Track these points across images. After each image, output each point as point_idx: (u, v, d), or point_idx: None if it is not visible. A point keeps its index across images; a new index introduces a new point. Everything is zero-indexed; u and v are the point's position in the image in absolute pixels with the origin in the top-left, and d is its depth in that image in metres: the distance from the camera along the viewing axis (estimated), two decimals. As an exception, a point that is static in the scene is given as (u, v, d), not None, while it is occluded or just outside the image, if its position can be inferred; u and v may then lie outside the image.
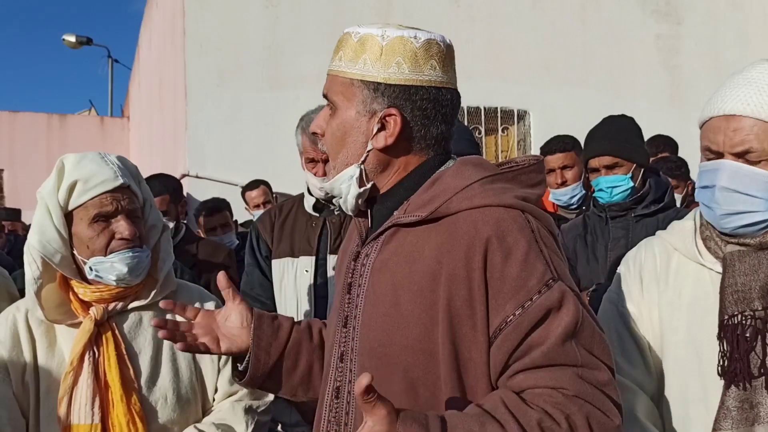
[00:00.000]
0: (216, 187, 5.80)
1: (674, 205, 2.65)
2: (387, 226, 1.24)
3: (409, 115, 1.22)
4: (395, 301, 1.19)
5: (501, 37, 6.88)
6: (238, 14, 6.21)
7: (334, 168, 1.28)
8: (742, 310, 1.36)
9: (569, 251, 2.65)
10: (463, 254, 1.14)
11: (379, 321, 1.20)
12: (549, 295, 1.12)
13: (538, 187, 1.27)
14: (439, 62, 1.25)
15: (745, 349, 1.35)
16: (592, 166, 2.64)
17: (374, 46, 1.21)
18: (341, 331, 1.27)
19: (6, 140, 11.80)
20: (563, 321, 1.11)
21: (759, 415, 1.34)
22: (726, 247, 1.43)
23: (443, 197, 1.18)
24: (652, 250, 1.57)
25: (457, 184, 1.19)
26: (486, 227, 1.14)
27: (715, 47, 7.38)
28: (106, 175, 1.65)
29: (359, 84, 1.23)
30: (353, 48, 1.23)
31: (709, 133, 1.40)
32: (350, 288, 1.28)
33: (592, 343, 1.14)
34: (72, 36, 13.68)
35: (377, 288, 1.22)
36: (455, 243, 1.15)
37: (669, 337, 1.48)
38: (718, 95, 1.40)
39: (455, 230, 1.16)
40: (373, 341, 1.21)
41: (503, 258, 1.13)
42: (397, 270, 1.20)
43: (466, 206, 1.17)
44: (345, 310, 1.28)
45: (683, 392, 1.44)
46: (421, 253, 1.18)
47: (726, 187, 1.36)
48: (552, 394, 1.08)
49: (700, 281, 1.47)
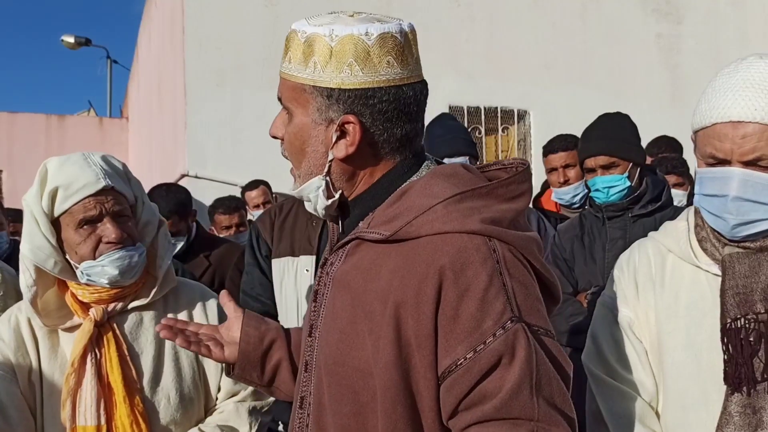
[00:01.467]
0: (215, 187, 5.79)
1: (671, 203, 2.63)
2: (350, 238, 1.17)
3: (369, 121, 1.13)
4: (352, 318, 1.12)
5: (501, 37, 6.88)
6: (238, 13, 6.20)
7: (299, 176, 1.21)
8: (745, 314, 1.33)
9: (566, 252, 2.64)
10: (417, 283, 1.06)
11: (335, 337, 1.14)
12: (505, 339, 1.03)
13: (519, 199, 1.16)
14: (397, 57, 1.14)
15: (749, 354, 1.32)
16: (588, 166, 2.61)
17: (323, 47, 1.12)
18: (307, 340, 1.23)
19: (5, 141, 11.79)
20: (518, 369, 1.02)
21: (762, 421, 1.31)
22: (724, 249, 1.40)
23: (406, 217, 1.10)
24: (645, 252, 1.53)
25: (422, 204, 1.10)
26: (443, 258, 1.05)
27: (715, 46, 7.37)
28: (87, 178, 1.61)
29: (311, 90, 1.14)
30: (301, 49, 1.14)
31: (713, 140, 1.33)
32: (316, 296, 1.23)
33: (551, 392, 1.04)
34: (71, 37, 13.68)
35: (336, 301, 1.16)
36: (410, 270, 1.07)
37: (666, 340, 1.44)
38: (719, 99, 1.33)
39: (413, 256, 1.07)
40: (328, 357, 1.15)
41: (459, 295, 1.04)
42: (355, 286, 1.13)
43: (426, 232, 1.08)
44: (311, 319, 1.23)
45: (682, 396, 1.41)
46: (378, 272, 1.10)
47: (739, 197, 1.31)
48: None
49: (696, 283, 1.43)
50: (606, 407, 1.48)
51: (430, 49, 6.59)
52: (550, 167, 3.37)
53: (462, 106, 6.69)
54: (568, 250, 2.64)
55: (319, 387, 1.17)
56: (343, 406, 1.11)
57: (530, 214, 2.92)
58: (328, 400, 1.13)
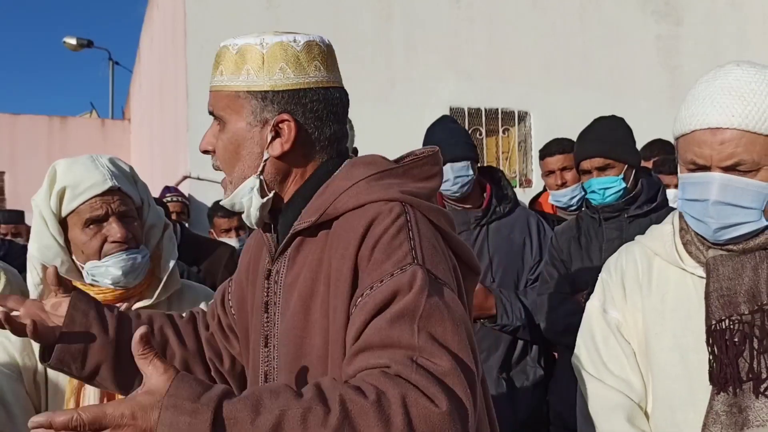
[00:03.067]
0: (217, 189, 5.79)
1: (666, 204, 2.65)
2: (288, 238, 1.22)
3: (302, 119, 1.21)
4: (305, 313, 1.17)
5: (501, 38, 6.89)
6: (239, 15, 6.22)
7: (231, 182, 1.25)
8: (729, 315, 1.36)
9: (563, 253, 2.66)
10: (342, 250, 1.12)
11: (291, 336, 1.18)
12: (400, 278, 1.05)
13: (432, 180, 1.24)
14: (323, 62, 1.23)
15: (735, 354, 1.34)
16: (584, 168, 2.63)
17: (255, 55, 1.20)
18: (263, 351, 1.25)
19: (7, 142, 11.80)
20: (403, 302, 1.03)
21: (748, 419, 1.33)
22: (708, 251, 1.42)
23: (330, 199, 1.17)
24: (632, 255, 1.57)
25: (344, 185, 1.18)
26: (362, 221, 1.12)
27: (715, 48, 7.38)
28: (94, 179, 1.65)
29: (246, 95, 1.21)
30: (233, 61, 1.21)
31: (693, 147, 1.37)
32: (267, 307, 1.25)
33: (439, 330, 1.02)
34: (73, 38, 13.69)
35: (289, 304, 1.20)
36: (336, 241, 1.14)
37: (653, 342, 1.47)
38: (698, 106, 1.37)
39: (338, 228, 1.15)
40: (288, 356, 1.19)
41: (371, 246, 1.10)
42: (305, 282, 1.17)
43: (351, 205, 1.15)
44: (264, 330, 1.25)
45: (670, 397, 1.43)
46: (319, 259, 1.16)
47: (719, 201, 1.35)
48: (371, 373, 0.98)
49: (682, 286, 1.46)
50: (594, 407, 1.50)
51: (430, 51, 6.65)
52: (547, 170, 3.39)
53: (462, 107, 6.71)
54: (565, 251, 2.65)
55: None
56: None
57: (530, 216, 2.94)
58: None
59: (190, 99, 6.13)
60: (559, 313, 2.55)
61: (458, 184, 2.79)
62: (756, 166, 1.33)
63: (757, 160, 1.32)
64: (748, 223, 1.35)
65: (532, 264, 2.81)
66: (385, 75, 6.40)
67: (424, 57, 6.54)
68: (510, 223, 2.84)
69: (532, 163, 6.92)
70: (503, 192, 2.91)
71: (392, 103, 6.28)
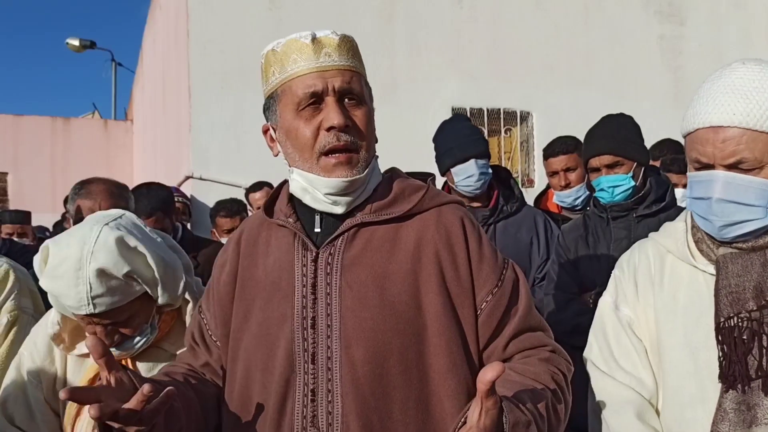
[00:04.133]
0: (220, 189, 5.81)
1: (675, 204, 2.63)
2: (351, 225, 1.30)
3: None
4: (380, 291, 1.25)
5: (504, 38, 6.89)
6: (242, 16, 6.23)
7: (364, 161, 1.31)
8: (738, 312, 1.36)
9: (570, 252, 2.65)
10: (445, 238, 1.30)
11: (366, 313, 1.24)
12: (511, 268, 1.35)
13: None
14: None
15: (743, 352, 1.35)
16: (593, 166, 2.60)
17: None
18: (309, 332, 1.26)
19: (10, 143, 11.82)
20: (525, 291, 1.35)
21: (756, 417, 1.33)
22: (718, 249, 1.43)
23: (414, 197, 1.35)
24: (645, 252, 1.57)
25: (414, 186, 1.38)
26: (456, 217, 1.34)
27: (718, 47, 7.37)
28: (72, 300, 1.48)
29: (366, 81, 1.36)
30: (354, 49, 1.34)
31: (697, 145, 1.39)
32: (314, 288, 1.27)
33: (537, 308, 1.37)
34: (76, 40, 13.72)
35: (354, 283, 1.26)
36: (435, 230, 1.31)
37: (665, 339, 1.47)
38: (702, 105, 1.38)
39: (435, 219, 1.33)
40: (362, 333, 1.23)
41: (477, 240, 1.33)
42: (375, 263, 1.28)
43: (434, 203, 1.36)
44: (310, 312, 1.26)
45: (680, 394, 1.44)
46: (396, 243, 1.30)
47: (722, 199, 1.36)
48: (540, 353, 1.32)
49: (694, 283, 1.46)
50: (604, 404, 1.50)
51: (432, 51, 6.65)
52: (551, 171, 3.38)
53: (465, 107, 6.70)
54: (572, 250, 2.64)
55: (350, 363, 1.22)
56: (390, 369, 1.23)
57: (537, 215, 2.94)
58: (373, 369, 1.22)
59: (192, 100, 6.13)
60: (567, 313, 2.53)
61: (482, 181, 2.81)
62: (759, 164, 1.33)
63: (760, 158, 1.33)
64: (753, 220, 1.36)
65: (539, 263, 2.81)
66: (388, 76, 6.40)
67: (426, 57, 6.53)
68: (517, 222, 2.84)
69: (535, 163, 6.91)
70: (510, 191, 2.91)
71: (395, 104, 6.28)
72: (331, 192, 1.29)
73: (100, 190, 2.47)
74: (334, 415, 1.22)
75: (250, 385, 1.31)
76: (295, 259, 1.31)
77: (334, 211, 1.32)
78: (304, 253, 1.31)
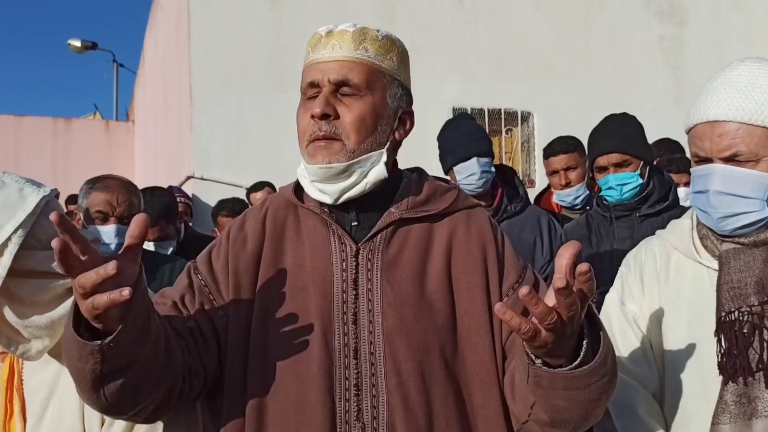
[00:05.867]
0: (221, 189, 5.82)
1: (678, 203, 2.64)
2: (389, 222, 1.33)
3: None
4: (419, 289, 1.29)
5: (504, 39, 6.90)
6: (243, 17, 6.24)
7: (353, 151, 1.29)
8: (739, 306, 1.39)
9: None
10: (476, 239, 1.35)
11: (407, 310, 1.27)
12: (530, 270, 1.40)
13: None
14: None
15: (744, 345, 1.37)
16: (600, 165, 2.60)
17: (396, 47, 1.37)
18: (350, 328, 1.26)
19: (11, 144, 11.83)
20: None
21: (756, 409, 1.36)
22: (722, 245, 1.46)
23: (448, 196, 1.40)
24: (652, 249, 1.61)
25: (444, 187, 1.42)
26: (485, 220, 1.41)
27: (718, 48, 7.38)
28: None
29: (390, 79, 1.34)
30: (381, 44, 1.34)
31: (695, 140, 1.44)
32: (356, 285, 1.28)
33: None
34: (77, 40, 13.74)
35: (394, 280, 1.28)
36: (466, 231, 1.36)
37: (669, 334, 1.50)
38: (701, 102, 1.43)
39: (461, 221, 1.37)
40: (403, 329, 1.25)
41: (502, 242, 1.39)
42: (412, 261, 1.31)
43: (464, 205, 1.41)
44: (352, 307, 1.27)
45: (683, 388, 1.46)
46: (430, 242, 1.34)
47: (719, 191, 1.39)
48: None
49: (698, 279, 1.49)
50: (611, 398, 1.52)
51: (433, 51, 6.65)
52: (551, 170, 3.39)
53: (465, 107, 6.71)
54: (575, 250, 2.65)
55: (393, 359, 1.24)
56: (432, 365, 1.26)
57: (540, 215, 2.95)
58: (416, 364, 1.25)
59: (193, 100, 6.14)
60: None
61: (483, 179, 2.82)
62: (755, 157, 1.37)
63: (755, 151, 1.37)
64: (750, 212, 1.39)
65: (542, 263, 2.81)
66: (389, 76, 6.41)
67: (427, 58, 6.54)
68: (521, 222, 2.85)
69: (535, 163, 6.92)
70: (515, 190, 2.92)
71: (396, 104, 6.29)
72: (315, 179, 1.30)
73: (116, 184, 2.56)
74: (378, 409, 1.23)
75: (278, 375, 1.26)
76: (333, 252, 1.30)
77: (323, 199, 1.31)
78: (342, 248, 1.30)
